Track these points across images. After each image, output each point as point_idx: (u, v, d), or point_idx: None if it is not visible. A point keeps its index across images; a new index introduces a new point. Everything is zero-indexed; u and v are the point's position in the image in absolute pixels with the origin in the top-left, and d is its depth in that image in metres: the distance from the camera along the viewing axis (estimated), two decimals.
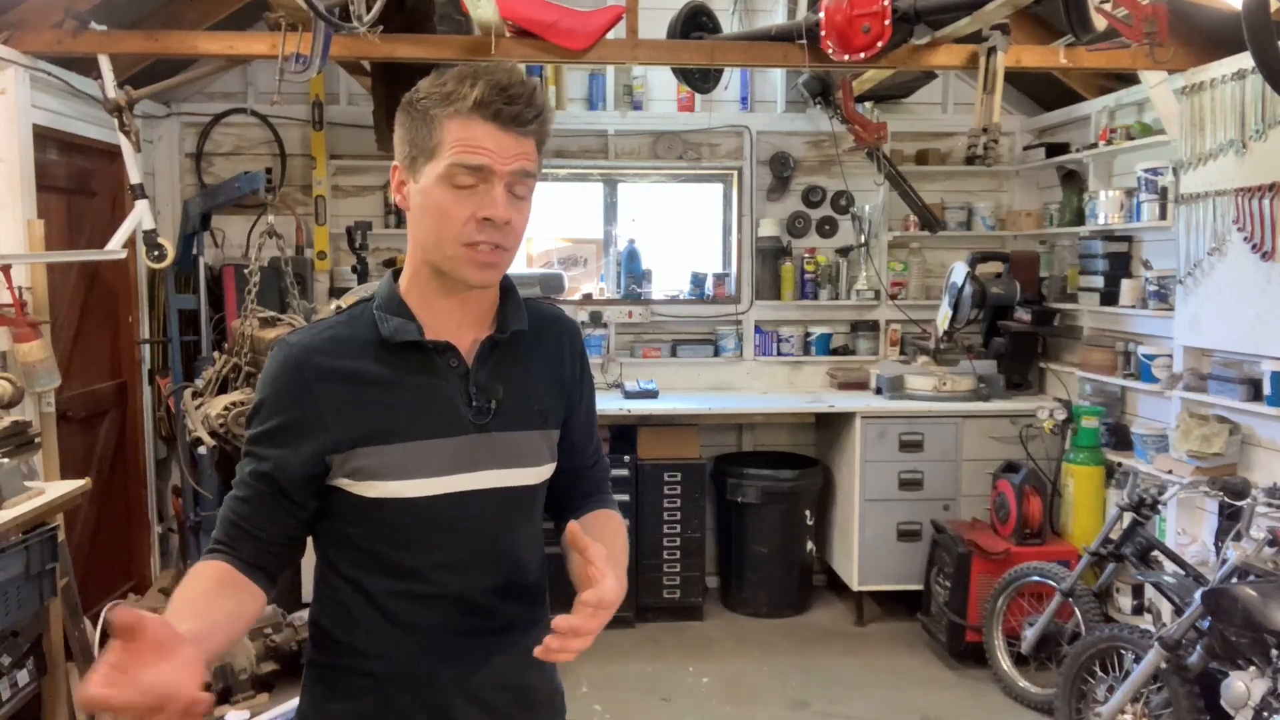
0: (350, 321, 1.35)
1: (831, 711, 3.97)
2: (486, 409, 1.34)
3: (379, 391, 1.30)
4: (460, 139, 1.24)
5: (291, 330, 1.39)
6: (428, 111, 1.27)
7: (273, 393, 1.31)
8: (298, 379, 1.29)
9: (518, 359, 1.39)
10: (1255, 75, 3.43)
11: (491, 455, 1.34)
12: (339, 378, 1.29)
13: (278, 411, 1.30)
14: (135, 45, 3.73)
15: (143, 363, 4.71)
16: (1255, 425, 3.61)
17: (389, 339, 1.30)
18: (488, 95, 1.23)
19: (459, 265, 1.28)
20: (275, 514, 1.30)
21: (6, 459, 3.02)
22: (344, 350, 1.31)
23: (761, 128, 5.30)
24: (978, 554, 4.28)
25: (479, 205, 1.25)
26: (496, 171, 1.25)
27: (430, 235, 1.29)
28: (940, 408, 4.74)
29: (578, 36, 3.75)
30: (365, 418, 1.29)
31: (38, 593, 2.98)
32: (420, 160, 1.28)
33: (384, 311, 1.33)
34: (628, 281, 5.34)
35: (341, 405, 1.29)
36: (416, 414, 1.30)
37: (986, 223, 5.32)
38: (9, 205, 3.52)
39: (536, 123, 1.28)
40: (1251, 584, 2.86)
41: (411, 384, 1.31)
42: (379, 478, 1.28)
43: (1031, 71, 4.11)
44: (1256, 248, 3.50)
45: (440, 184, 1.26)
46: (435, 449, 1.30)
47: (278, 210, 4.33)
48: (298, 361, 1.30)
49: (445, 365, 1.33)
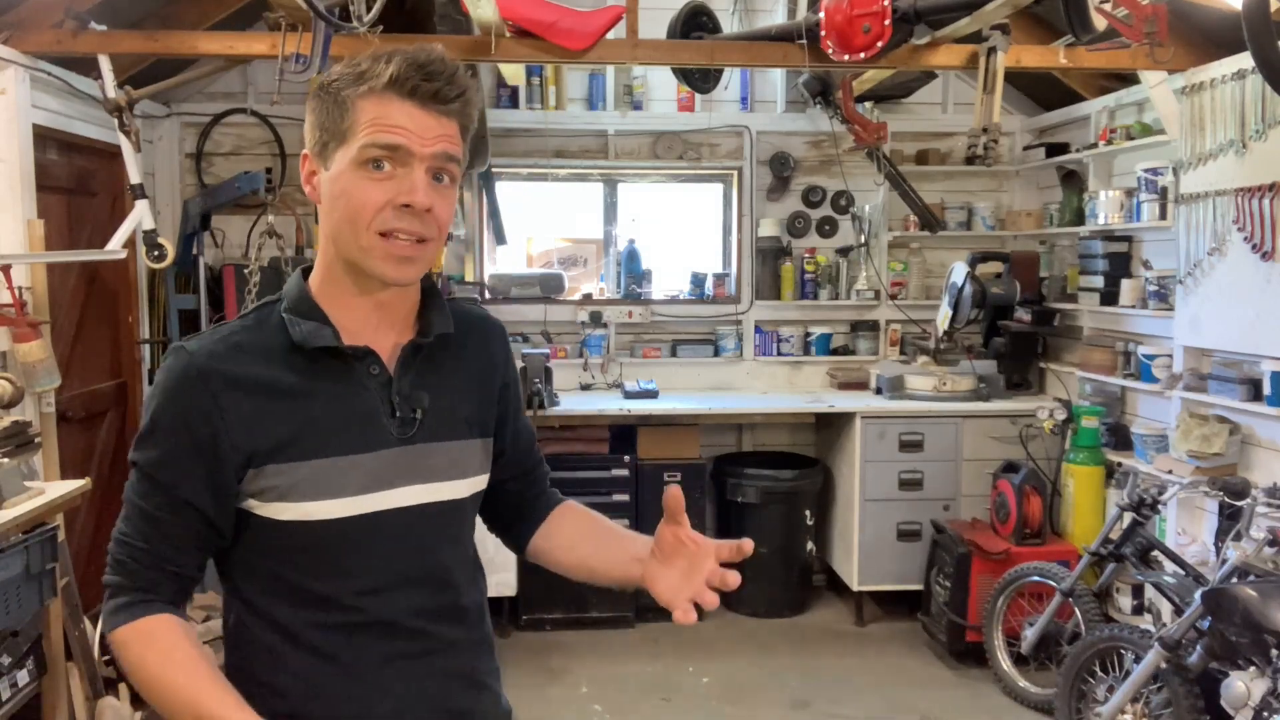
0: (256, 326, 1.22)
1: (831, 711, 3.97)
2: (411, 419, 1.23)
3: (291, 403, 1.18)
4: (374, 118, 1.14)
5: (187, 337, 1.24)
6: (339, 93, 1.17)
7: (173, 409, 1.16)
8: (202, 390, 1.15)
9: (443, 364, 1.29)
10: (1255, 75, 3.42)
11: (416, 469, 1.23)
12: (247, 387, 1.17)
13: (182, 428, 1.16)
14: (135, 45, 3.73)
15: (143, 363, 4.70)
16: (1255, 425, 3.61)
17: (301, 344, 1.18)
18: (404, 71, 1.14)
19: (373, 259, 1.17)
20: (198, 544, 1.19)
21: (6, 459, 3.02)
22: (251, 357, 1.18)
23: (761, 128, 5.30)
24: (978, 554, 4.28)
25: (397, 191, 1.15)
26: (415, 153, 1.15)
27: (342, 226, 1.17)
28: (940, 408, 4.73)
29: (578, 36, 3.75)
30: (276, 431, 1.17)
31: (38, 593, 2.98)
32: (331, 145, 1.17)
33: (294, 314, 1.20)
34: (628, 281, 5.34)
35: (250, 418, 1.16)
36: (333, 427, 1.19)
37: (986, 223, 5.32)
38: (9, 205, 3.52)
39: (459, 102, 1.18)
40: (1251, 584, 2.86)
41: (327, 394, 1.20)
42: (291, 498, 1.17)
43: (1031, 71, 4.11)
44: (1256, 248, 3.50)
45: (353, 169, 1.15)
46: (354, 465, 1.19)
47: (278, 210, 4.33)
48: (201, 371, 1.16)
49: (365, 373, 1.22)
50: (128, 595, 1.17)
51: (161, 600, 1.18)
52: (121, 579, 1.18)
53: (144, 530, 1.18)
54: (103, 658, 3.71)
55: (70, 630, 3.33)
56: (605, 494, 4.75)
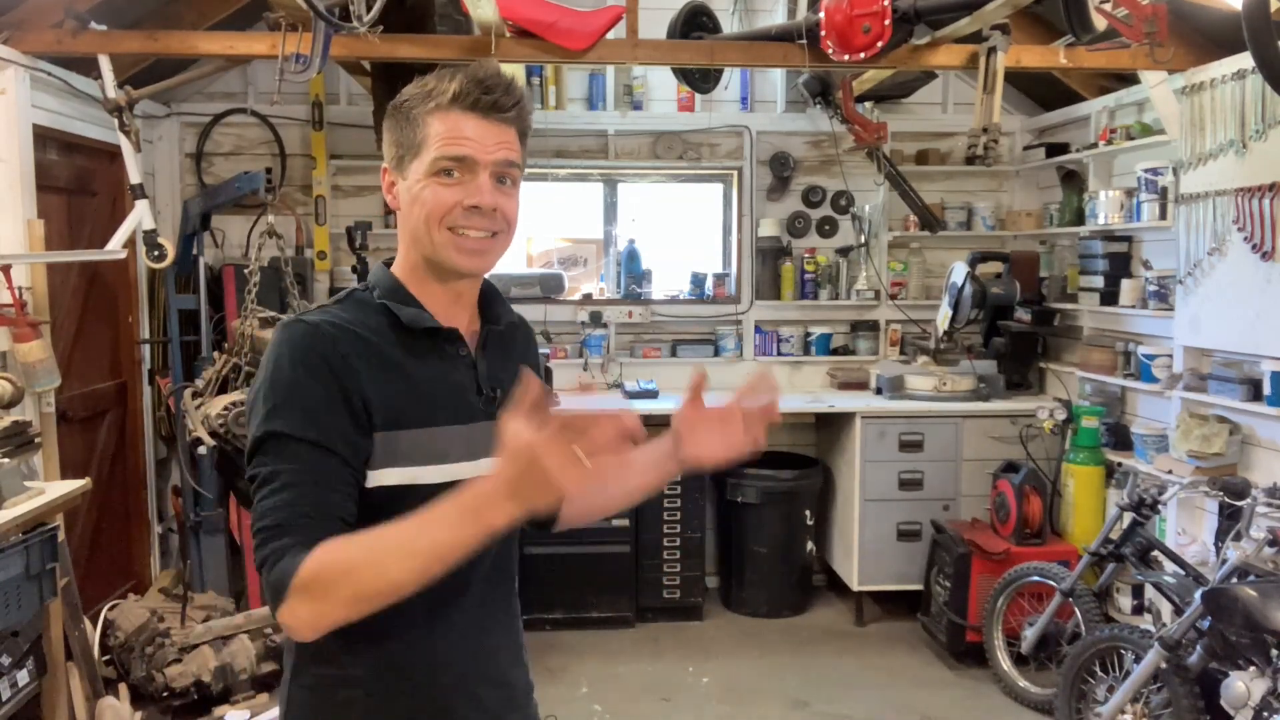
0: (354, 308, 1.32)
1: (831, 711, 3.97)
2: (494, 397, 1.35)
3: (399, 375, 1.28)
4: (442, 132, 1.27)
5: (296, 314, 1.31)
6: (410, 111, 1.30)
7: (307, 367, 1.22)
8: (332, 351, 1.23)
9: (507, 351, 1.43)
10: (1255, 75, 3.42)
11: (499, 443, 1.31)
12: (369, 357, 1.26)
13: (318, 388, 1.21)
14: (135, 45, 3.73)
15: (143, 363, 4.71)
16: (1255, 425, 3.61)
17: (410, 325, 1.30)
18: (465, 87, 1.27)
19: (447, 251, 1.29)
20: (350, 491, 1.21)
21: (6, 459, 3.02)
22: (361, 331, 1.28)
23: (761, 128, 5.30)
24: (978, 554, 4.28)
25: (465, 194, 1.28)
26: (480, 161, 1.28)
27: (419, 226, 1.30)
28: (940, 408, 4.73)
29: (578, 36, 3.75)
30: (389, 399, 1.26)
31: (38, 593, 2.98)
32: (407, 159, 1.31)
33: (393, 300, 1.32)
34: (628, 281, 5.34)
35: (372, 384, 1.24)
36: (434, 400, 1.30)
37: (986, 223, 5.32)
38: (9, 205, 3.52)
39: (515, 110, 1.30)
40: (1251, 584, 2.86)
41: (427, 369, 1.31)
42: (400, 463, 1.26)
43: (1031, 71, 4.11)
44: (1256, 248, 3.50)
45: (427, 177, 1.28)
46: (453, 435, 1.30)
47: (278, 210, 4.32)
48: (329, 335, 1.24)
49: (455, 354, 1.34)
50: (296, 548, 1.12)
51: None
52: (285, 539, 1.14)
53: (302, 489, 1.17)
54: (103, 658, 3.71)
55: (70, 630, 3.33)
56: None
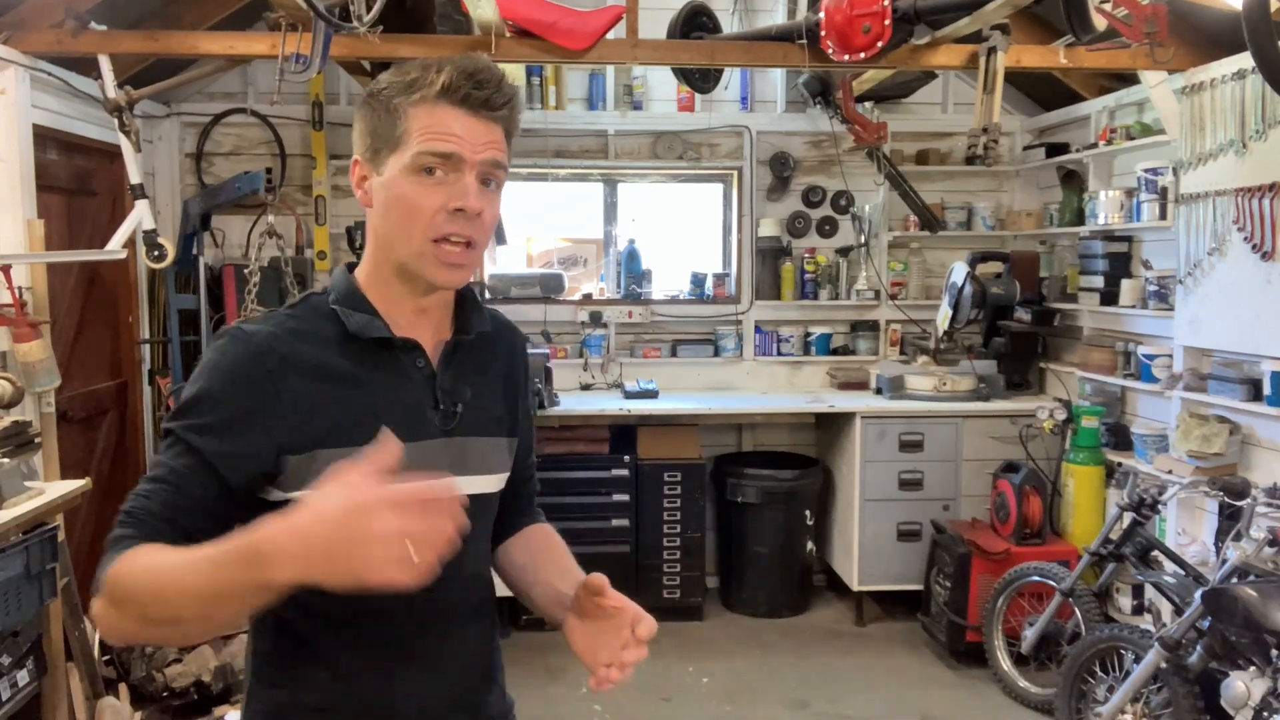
0: (305, 315, 1.24)
1: (831, 711, 3.97)
2: (453, 413, 1.27)
3: (344, 389, 1.20)
4: (427, 126, 1.18)
5: (240, 321, 1.25)
6: (390, 101, 1.20)
7: (224, 382, 1.16)
8: (257, 368, 1.16)
9: (478, 363, 1.34)
10: (1255, 75, 3.42)
11: (454, 462, 1.26)
12: (304, 370, 1.18)
13: (228, 401, 1.15)
14: (135, 45, 3.73)
15: (143, 363, 4.70)
16: (1255, 425, 3.61)
17: (357, 334, 1.22)
18: (456, 80, 1.18)
19: (426, 264, 1.21)
20: (213, 511, 1.14)
21: (6, 459, 3.02)
22: (306, 343, 1.20)
23: (761, 128, 5.30)
24: (978, 554, 4.28)
25: (449, 196, 1.19)
26: (467, 160, 1.19)
27: (396, 230, 1.21)
28: (940, 408, 4.73)
29: (578, 36, 3.75)
30: (330, 416, 1.18)
31: (38, 593, 2.98)
32: (384, 152, 1.21)
33: (345, 307, 1.24)
34: (628, 281, 5.34)
35: (304, 400, 1.17)
36: (382, 415, 1.18)
37: (986, 223, 5.32)
38: (9, 205, 3.52)
39: (506, 109, 1.22)
40: (1251, 584, 2.86)
41: (377, 383, 1.23)
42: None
43: (1031, 71, 4.11)
44: (1256, 248, 3.50)
45: (407, 175, 1.19)
46: (404, 454, 1.20)
47: (278, 210, 4.33)
48: (259, 349, 1.17)
49: (411, 365, 1.26)
50: (129, 542, 1.11)
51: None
52: (126, 530, 1.13)
53: (164, 487, 1.14)
54: (102, 658, 3.71)
55: (70, 630, 3.33)
56: (605, 494, 4.75)
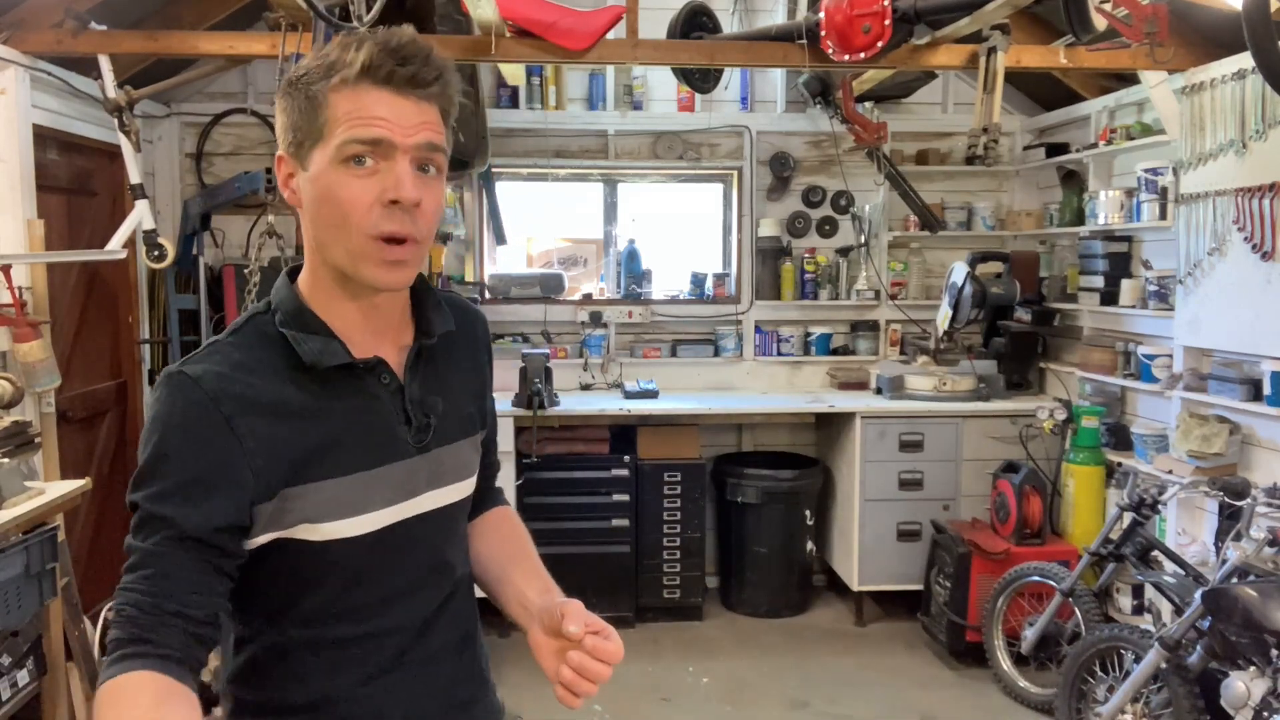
0: (251, 343, 1.13)
1: (831, 711, 3.97)
2: (426, 426, 1.20)
3: (306, 423, 1.11)
4: (350, 111, 1.07)
5: (180, 363, 1.12)
6: (310, 88, 1.10)
7: (181, 438, 1.06)
8: (212, 416, 1.06)
9: (445, 363, 1.25)
10: (1255, 75, 3.43)
11: (433, 476, 1.21)
12: (260, 410, 1.08)
13: (191, 460, 1.05)
14: (135, 45, 3.73)
15: (143, 363, 4.70)
16: (1255, 425, 3.61)
17: (315, 364, 1.11)
18: (376, 58, 1.08)
19: (364, 265, 1.10)
20: (208, 584, 1.05)
21: (6, 459, 3.02)
22: (257, 377, 1.10)
23: (761, 128, 5.30)
24: (978, 554, 4.28)
25: (383, 187, 1.08)
26: (398, 145, 1.08)
27: (329, 231, 1.10)
28: (940, 408, 4.73)
29: (578, 36, 3.75)
30: (295, 453, 1.09)
31: (38, 593, 2.98)
32: (307, 145, 1.11)
33: (293, 328, 1.13)
34: (628, 281, 5.34)
35: (267, 441, 1.08)
36: (352, 444, 1.13)
37: (986, 223, 5.32)
38: (9, 205, 3.52)
39: (438, 85, 1.11)
40: (1251, 584, 2.86)
41: (341, 410, 1.13)
42: (316, 519, 1.11)
43: (1031, 71, 4.11)
44: (1256, 248, 3.50)
45: (333, 167, 1.08)
46: (376, 479, 1.14)
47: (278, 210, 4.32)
48: (210, 395, 1.07)
49: (376, 384, 1.16)
50: (123, 648, 1.02)
51: (157, 654, 1.02)
52: (120, 632, 1.03)
53: (145, 574, 1.04)
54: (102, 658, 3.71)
55: (70, 630, 3.33)
56: (605, 494, 4.75)
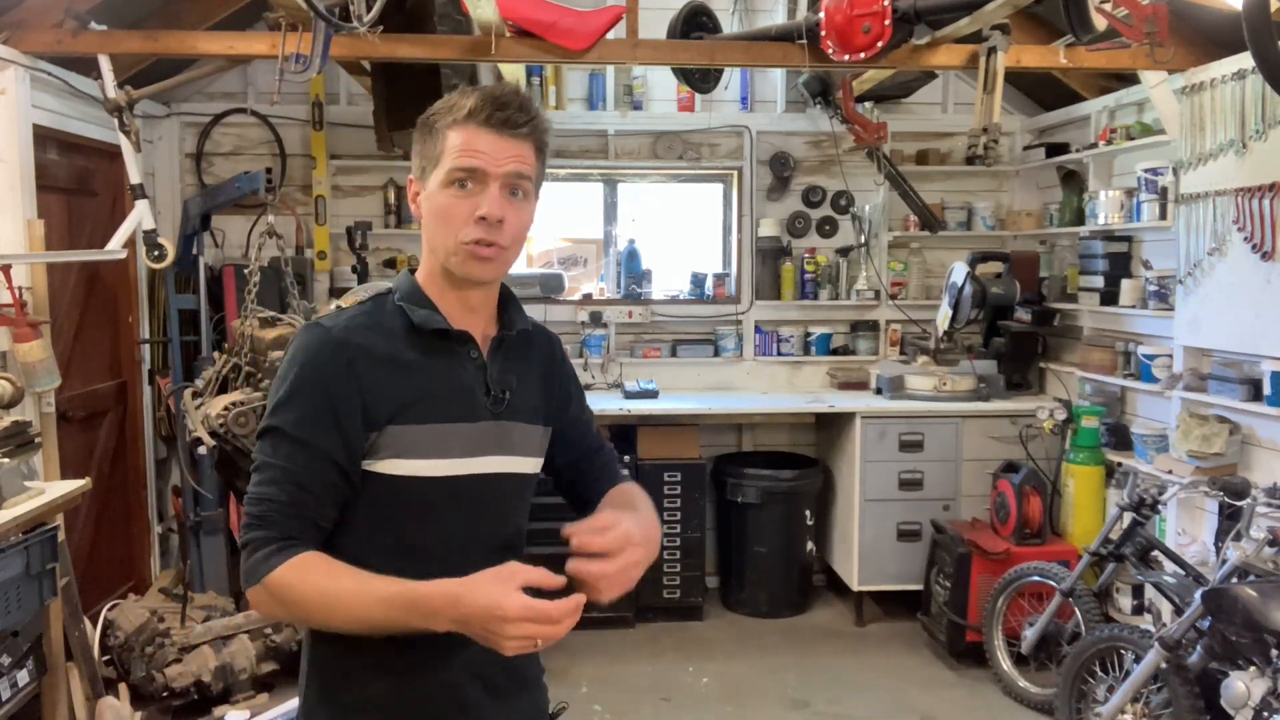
0: (374, 311, 1.43)
1: (831, 711, 3.97)
2: (501, 399, 1.44)
3: (410, 374, 1.38)
4: (457, 146, 1.37)
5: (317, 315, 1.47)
6: (434, 125, 1.40)
7: (314, 374, 1.35)
8: (339, 358, 1.35)
9: (520, 357, 1.51)
10: (1255, 75, 3.43)
11: (501, 442, 1.44)
12: (376, 359, 1.37)
13: (321, 391, 1.34)
14: (135, 45, 3.73)
15: (143, 363, 4.71)
16: (1255, 425, 3.61)
17: (420, 326, 1.40)
18: (480, 104, 1.37)
19: (459, 261, 1.39)
20: (335, 496, 1.34)
21: (6, 459, 3.02)
22: (376, 334, 1.39)
23: (761, 128, 5.30)
24: (978, 554, 4.28)
25: (476, 205, 1.36)
26: (490, 173, 1.36)
27: (437, 236, 1.40)
28: (940, 408, 4.73)
29: (578, 36, 3.75)
30: (398, 397, 1.36)
31: (38, 593, 2.98)
32: (429, 169, 1.41)
33: (409, 303, 1.42)
34: (628, 281, 5.34)
35: (377, 384, 1.36)
36: (443, 398, 1.39)
37: (986, 223, 5.32)
38: (9, 205, 3.52)
39: (529, 126, 1.39)
40: (1251, 584, 2.86)
41: (437, 369, 1.41)
42: (406, 456, 1.36)
43: (1031, 71, 4.11)
44: (1256, 248, 3.50)
45: (442, 188, 1.38)
46: (457, 432, 1.39)
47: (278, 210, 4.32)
48: (338, 342, 1.36)
49: (465, 355, 1.43)
50: (274, 544, 1.30)
51: (309, 546, 1.31)
52: (265, 532, 1.31)
53: (285, 486, 1.32)
54: (102, 658, 3.71)
55: (70, 630, 3.33)
56: None
